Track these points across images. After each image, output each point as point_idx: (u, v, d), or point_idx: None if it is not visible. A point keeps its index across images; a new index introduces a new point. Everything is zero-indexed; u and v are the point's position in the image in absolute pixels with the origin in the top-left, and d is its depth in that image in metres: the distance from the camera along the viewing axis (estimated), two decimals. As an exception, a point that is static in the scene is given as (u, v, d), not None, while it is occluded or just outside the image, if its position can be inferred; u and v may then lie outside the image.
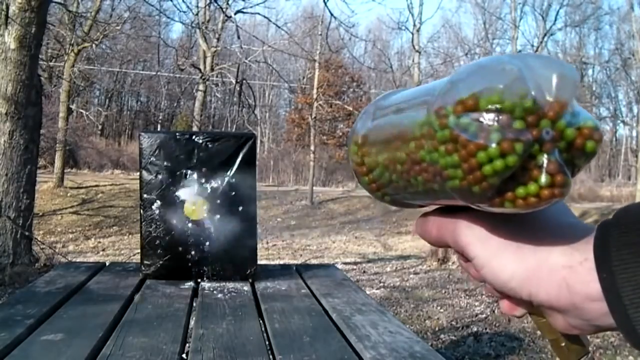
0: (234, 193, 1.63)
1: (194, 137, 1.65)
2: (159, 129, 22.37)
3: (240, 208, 1.63)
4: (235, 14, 11.99)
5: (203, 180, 1.63)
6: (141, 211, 1.62)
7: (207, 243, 1.62)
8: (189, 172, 1.63)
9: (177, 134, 1.65)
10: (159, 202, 1.62)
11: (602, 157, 26.52)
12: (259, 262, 1.67)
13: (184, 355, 1.05)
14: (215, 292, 1.51)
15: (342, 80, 26.25)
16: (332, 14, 9.14)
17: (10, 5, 4.86)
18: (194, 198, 1.62)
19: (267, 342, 1.12)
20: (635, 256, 0.30)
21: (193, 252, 1.62)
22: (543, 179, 0.31)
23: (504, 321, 4.13)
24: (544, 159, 0.31)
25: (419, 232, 0.42)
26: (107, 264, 1.86)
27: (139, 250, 1.65)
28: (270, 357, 1.02)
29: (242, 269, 1.63)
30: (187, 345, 1.10)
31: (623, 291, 0.30)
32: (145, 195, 1.62)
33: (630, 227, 0.31)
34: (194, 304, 1.40)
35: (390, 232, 11.44)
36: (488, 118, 0.30)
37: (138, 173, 1.65)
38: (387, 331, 1.17)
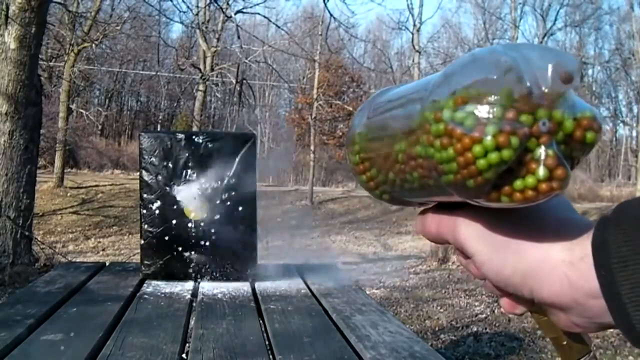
0: (234, 193, 1.63)
1: (194, 137, 1.65)
2: (159, 129, 22.36)
3: (240, 208, 1.63)
4: (235, 14, 11.98)
5: (203, 180, 1.63)
6: (141, 211, 1.62)
7: (207, 243, 1.62)
8: (189, 172, 1.62)
9: (177, 134, 1.65)
10: (159, 202, 1.62)
11: (602, 157, 26.52)
12: (259, 262, 1.67)
13: (184, 355, 1.05)
14: (215, 292, 1.51)
15: (342, 80, 26.22)
16: (331, 15, 9.13)
17: (10, 5, 4.86)
18: (193, 198, 1.62)
19: (267, 342, 1.12)
20: (634, 253, 0.30)
21: (193, 252, 1.62)
22: (541, 172, 0.30)
23: (504, 321, 4.13)
24: (542, 152, 0.30)
25: (419, 229, 0.42)
26: (107, 264, 1.86)
27: (139, 250, 1.65)
28: (270, 357, 1.02)
29: (242, 269, 1.63)
30: (187, 345, 1.10)
31: (622, 289, 0.30)
32: (145, 195, 1.62)
33: (628, 223, 0.30)
34: (194, 304, 1.40)
35: (390, 232, 11.43)
36: (483, 111, 0.30)
37: (138, 173, 1.65)
38: (387, 331, 1.17)
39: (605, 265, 0.31)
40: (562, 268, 0.33)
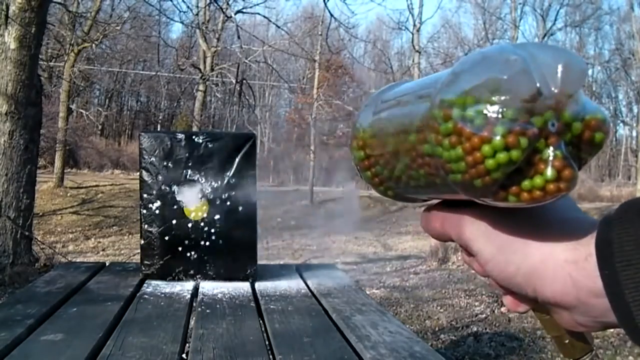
0: (234, 193, 1.63)
1: (194, 137, 1.65)
2: (159, 129, 22.35)
3: (240, 208, 1.63)
4: (235, 14, 11.98)
5: (203, 180, 1.62)
6: (141, 211, 1.62)
7: (207, 243, 1.62)
8: (189, 172, 1.62)
9: (177, 134, 1.65)
10: (159, 202, 1.61)
11: (602, 157, 26.50)
12: (259, 262, 1.67)
13: (184, 355, 1.05)
14: (215, 292, 1.51)
15: (342, 80, 26.23)
16: (332, 15, 9.12)
17: (10, 5, 4.86)
18: (194, 198, 1.62)
19: (267, 342, 1.12)
20: (637, 252, 0.30)
21: (193, 252, 1.62)
22: (549, 172, 0.30)
23: (504, 321, 4.13)
24: (550, 152, 0.30)
25: (423, 226, 0.42)
26: (107, 264, 1.86)
27: (139, 250, 1.65)
28: (270, 357, 1.02)
29: (242, 269, 1.63)
30: (187, 345, 1.10)
31: (625, 288, 0.30)
32: (145, 195, 1.62)
33: (631, 223, 0.30)
34: (194, 304, 1.40)
35: (390, 232, 11.42)
36: (492, 110, 0.30)
37: (138, 173, 1.65)
38: (387, 331, 1.17)
39: (608, 264, 0.31)
40: (566, 267, 0.33)
